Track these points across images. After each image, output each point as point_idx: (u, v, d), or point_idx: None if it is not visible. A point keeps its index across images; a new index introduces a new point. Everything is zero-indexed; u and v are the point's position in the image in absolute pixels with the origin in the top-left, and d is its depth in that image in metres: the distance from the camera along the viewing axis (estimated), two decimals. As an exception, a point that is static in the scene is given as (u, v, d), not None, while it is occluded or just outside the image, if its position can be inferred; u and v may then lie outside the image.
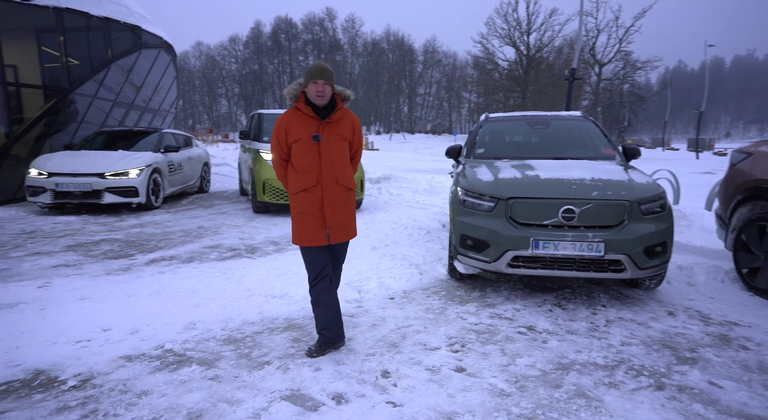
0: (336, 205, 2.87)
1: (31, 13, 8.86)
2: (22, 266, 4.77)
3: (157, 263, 4.91)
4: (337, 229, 2.89)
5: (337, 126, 2.88)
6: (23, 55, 9.54)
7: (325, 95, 2.77)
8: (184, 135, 10.49)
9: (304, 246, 2.89)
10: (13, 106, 9.08)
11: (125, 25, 10.55)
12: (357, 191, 7.85)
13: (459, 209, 4.08)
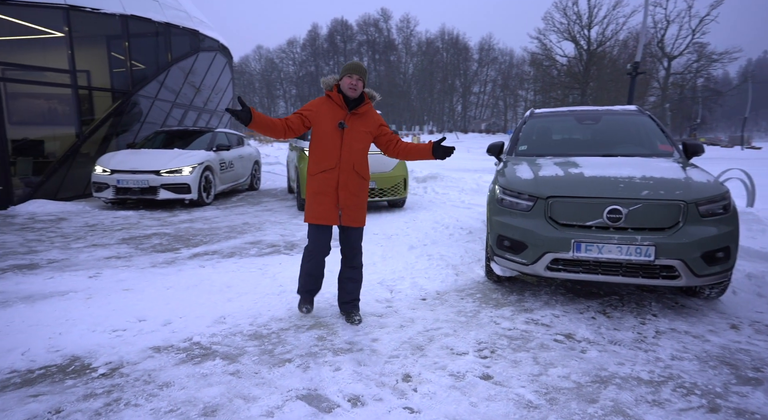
0: (350, 189, 3.14)
1: (101, 21, 9.44)
2: (80, 257, 5.06)
3: (199, 257, 5.06)
4: (349, 212, 3.16)
5: (362, 119, 3.17)
6: (95, 61, 10.21)
7: (357, 89, 3.09)
8: (237, 134, 10.82)
9: (314, 224, 3.18)
10: (86, 109, 9.74)
11: (184, 29, 11.04)
12: (400, 190, 7.78)
13: (496, 208, 3.90)
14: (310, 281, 3.37)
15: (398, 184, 7.90)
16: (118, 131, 10.41)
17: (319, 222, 3.16)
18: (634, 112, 5.16)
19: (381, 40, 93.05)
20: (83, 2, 8.86)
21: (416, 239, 5.86)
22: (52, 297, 3.77)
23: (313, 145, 3.16)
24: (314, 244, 3.26)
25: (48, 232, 6.33)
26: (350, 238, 3.28)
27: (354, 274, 3.37)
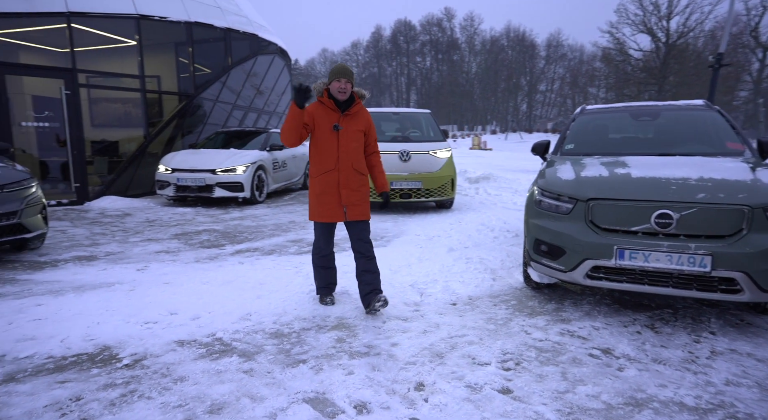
0: (351, 187, 3.36)
1: (168, 28, 10.02)
2: (133, 250, 5.35)
3: (241, 254, 5.19)
4: (353, 208, 3.39)
5: (354, 119, 3.37)
6: (165, 66, 10.86)
7: (346, 91, 3.27)
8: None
9: (321, 222, 3.43)
10: (155, 111, 10.39)
11: (244, 33, 11.47)
12: (447, 190, 7.61)
13: (534, 211, 3.68)
14: (326, 275, 3.61)
15: (445, 184, 7.73)
16: (183, 132, 11.00)
17: (325, 220, 3.42)
18: (700, 106, 4.69)
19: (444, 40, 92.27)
20: (152, 11, 9.43)
21: (457, 241, 5.69)
22: (100, 288, 4.00)
23: (313, 149, 3.40)
24: (323, 241, 3.53)
25: (112, 226, 6.78)
26: (359, 232, 3.47)
27: (369, 265, 3.49)
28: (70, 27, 8.54)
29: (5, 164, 5.05)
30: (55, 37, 8.65)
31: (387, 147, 7.75)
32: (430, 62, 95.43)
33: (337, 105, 3.32)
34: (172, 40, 10.39)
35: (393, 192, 7.53)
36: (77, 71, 8.59)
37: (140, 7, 9.25)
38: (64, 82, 8.45)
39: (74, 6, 8.53)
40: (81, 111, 8.71)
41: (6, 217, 4.65)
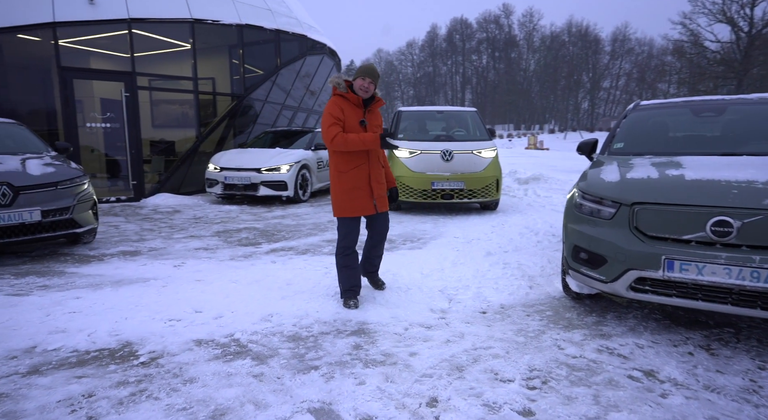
0: (379, 180, 3.54)
1: (221, 31, 10.34)
2: (175, 247, 5.51)
3: (275, 253, 5.20)
4: (381, 200, 3.55)
5: (374, 115, 3.54)
6: (219, 68, 11.23)
7: (369, 91, 3.39)
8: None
9: (350, 217, 3.47)
10: (209, 112, 10.77)
11: (293, 34, 11.65)
12: (491, 191, 7.33)
13: (573, 215, 3.39)
14: (352, 275, 3.55)
15: (490, 185, 7.44)
16: (235, 132, 11.33)
17: (357, 214, 3.48)
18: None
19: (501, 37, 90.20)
20: (205, 15, 9.76)
21: (497, 245, 5.42)
22: (136, 283, 4.12)
23: None
24: (351, 237, 3.52)
25: (161, 222, 7.04)
26: (383, 221, 3.65)
27: (381, 250, 3.80)
28: (130, 32, 8.99)
29: (61, 163, 5.34)
30: (118, 43, 9.13)
31: (429, 146, 7.57)
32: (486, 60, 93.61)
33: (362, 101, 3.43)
34: (226, 42, 10.72)
35: (434, 192, 7.34)
36: (136, 74, 9.03)
37: (194, 11, 9.59)
38: (124, 84, 8.90)
39: (135, 12, 8.97)
40: (139, 112, 9.15)
41: (59, 212, 4.91)
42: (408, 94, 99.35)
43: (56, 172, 5.07)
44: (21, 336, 3.00)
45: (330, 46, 13.48)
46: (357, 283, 3.59)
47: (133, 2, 9.01)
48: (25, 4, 8.28)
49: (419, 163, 7.43)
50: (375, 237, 3.71)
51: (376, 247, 3.75)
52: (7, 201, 4.58)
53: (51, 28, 8.37)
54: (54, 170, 5.08)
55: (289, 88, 12.19)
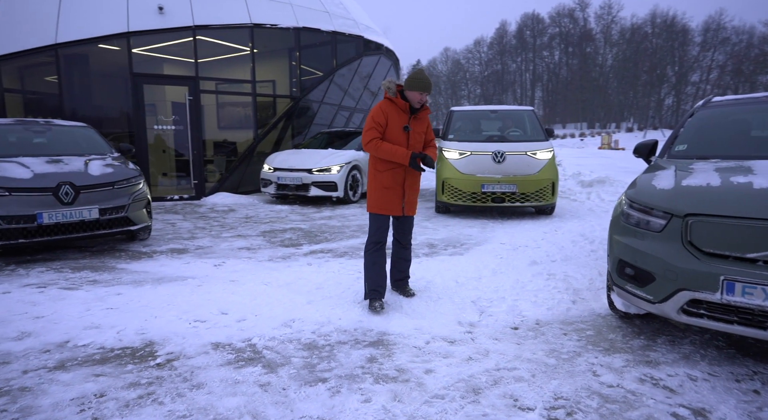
0: (413, 185, 3.63)
1: (279, 34, 10.60)
2: (221, 246, 5.66)
3: (314, 254, 5.19)
4: (410, 204, 3.64)
5: (420, 121, 3.59)
6: (279, 70, 11.54)
7: (423, 103, 3.51)
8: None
9: (380, 214, 3.57)
10: (269, 114, 11.10)
11: (350, 35, 11.71)
12: (546, 195, 6.93)
13: (619, 225, 3.05)
14: (379, 274, 3.56)
15: (544, 188, 7.02)
16: (293, 133, 11.59)
17: (385, 213, 3.57)
18: None
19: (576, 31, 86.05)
20: (265, 20, 10.04)
21: (545, 253, 5.07)
22: (175, 281, 4.24)
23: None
24: (381, 233, 3.59)
25: (214, 221, 7.30)
26: (408, 225, 3.73)
27: (407, 254, 3.80)
28: (195, 39, 9.44)
29: (120, 164, 5.66)
30: (183, 49, 9.61)
31: (480, 147, 7.28)
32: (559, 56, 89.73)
33: (411, 107, 3.50)
34: (285, 45, 10.97)
35: (484, 195, 7.04)
36: (199, 79, 9.47)
37: (254, 16, 9.90)
38: (188, 88, 9.36)
39: (199, 20, 9.40)
40: (201, 114, 9.58)
41: (115, 210, 5.20)
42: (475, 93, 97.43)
43: (114, 172, 5.38)
44: (59, 330, 3.16)
45: (387, 46, 13.42)
46: (382, 283, 3.56)
47: (198, 10, 9.45)
48: (106, 16, 8.92)
49: (469, 164, 7.16)
50: (400, 239, 3.76)
51: (401, 251, 3.79)
52: (70, 199, 4.90)
53: (125, 37, 8.96)
54: (112, 171, 5.39)
55: (345, 88, 12.28)
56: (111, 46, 9.07)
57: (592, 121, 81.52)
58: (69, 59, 9.12)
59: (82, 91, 9.63)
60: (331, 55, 11.42)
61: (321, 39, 11.22)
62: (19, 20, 8.73)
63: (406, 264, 3.81)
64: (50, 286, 4.10)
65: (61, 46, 8.71)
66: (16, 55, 8.65)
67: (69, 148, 5.87)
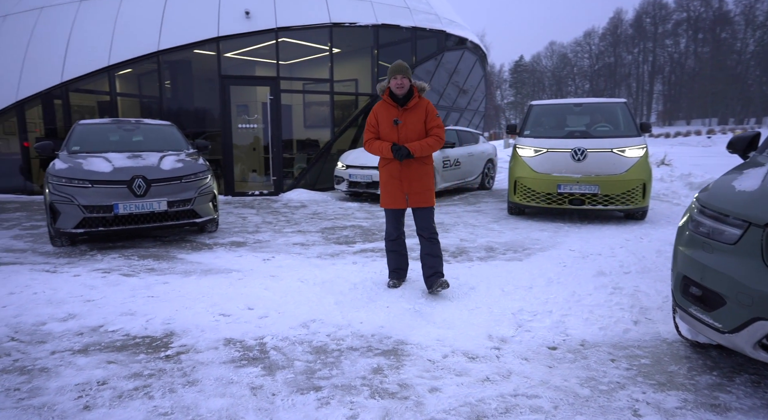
0: (412, 176, 3.61)
1: (358, 33, 10.63)
2: (278, 241, 5.74)
3: (363, 253, 5.05)
4: (414, 196, 3.64)
5: (414, 111, 3.60)
6: (361, 69, 11.62)
7: (403, 86, 3.51)
8: (470, 132, 10.58)
9: (388, 209, 3.74)
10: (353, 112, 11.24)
11: (431, 31, 11.41)
12: (636, 198, 6.16)
13: (687, 235, 2.50)
14: (395, 258, 3.86)
15: (633, 190, 6.21)
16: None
17: (390, 207, 3.71)
18: None
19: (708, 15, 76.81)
20: (343, 19, 10.14)
21: (619, 263, 4.43)
22: (220, 273, 4.34)
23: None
24: (391, 227, 3.81)
25: (282, 216, 7.48)
26: (421, 219, 3.71)
27: (432, 249, 3.70)
28: (277, 40, 9.80)
29: (191, 159, 5.98)
30: (267, 50, 10.03)
31: (557, 144, 6.64)
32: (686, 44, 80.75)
33: (396, 101, 3.57)
34: (365, 43, 10.99)
35: (560, 197, 6.40)
36: (280, 79, 9.81)
37: (334, 15, 10.03)
38: (270, 88, 9.75)
39: (282, 22, 9.74)
40: (281, 114, 9.92)
41: (182, 203, 5.49)
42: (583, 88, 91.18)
43: (183, 167, 5.69)
44: (99, 314, 3.34)
45: (473, 40, 12.90)
46: (400, 266, 3.88)
47: (281, 12, 9.79)
48: (200, 23, 9.59)
49: (544, 162, 6.56)
50: (421, 233, 3.76)
51: (425, 245, 3.75)
52: (142, 192, 5.27)
53: (216, 42, 9.56)
54: (182, 166, 5.70)
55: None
56: (203, 50, 9.73)
57: (724, 116, 72.39)
58: (168, 64, 9.95)
59: (179, 93, 10.46)
60: (410, 51, 11.22)
61: (400, 35, 11.07)
62: (132, 31, 9.69)
63: (434, 259, 3.69)
64: (113, 272, 4.40)
65: (162, 53, 9.52)
66: (126, 63, 9.61)
67: (151, 144, 6.35)
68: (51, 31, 9.96)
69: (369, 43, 10.79)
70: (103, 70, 9.61)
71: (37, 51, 9.88)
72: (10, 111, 10.11)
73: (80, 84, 9.82)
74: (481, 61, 13.91)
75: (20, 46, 10.01)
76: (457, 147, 9.64)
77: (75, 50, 9.72)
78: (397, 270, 3.89)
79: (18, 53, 9.98)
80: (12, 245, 5.58)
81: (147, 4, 9.83)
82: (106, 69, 9.59)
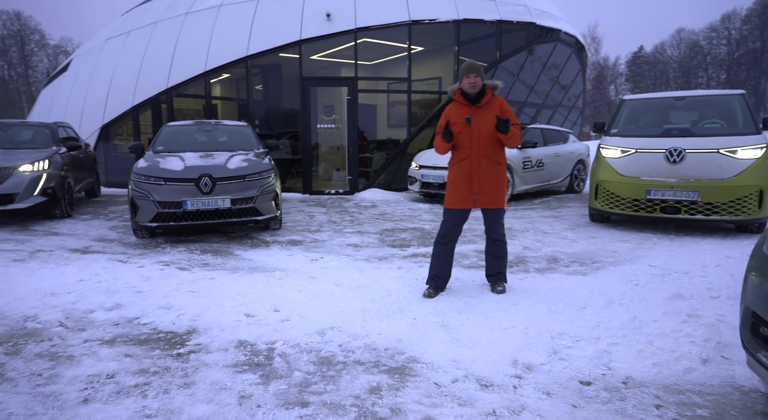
0: (483, 175, 3.51)
1: (438, 29, 10.32)
2: (334, 241, 5.71)
3: (413, 258, 4.82)
4: (483, 196, 3.54)
5: (486, 109, 3.51)
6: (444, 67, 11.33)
7: (476, 85, 3.47)
8: (558, 130, 9.79)
9: (450, 209, 3.61)
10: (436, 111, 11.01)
11: (518, 23, 10.74)
12: (749, 207, 5.42)
13: (760, 255, 1.96)
14: (438, 265, 3.65)
15: (745, 198, 5.26)
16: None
17: (455, 207, 3.59)
18: None
19: None
20: (423, 15, 9.90)
21: (706, 286, 3.73)
22: (264, 272, 4.38)
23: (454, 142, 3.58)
24: (447, 227, 3.64)
25: (348, 216, 7.47)
26: (490, 220, 3.65)
27: (496, 250, 3.68)
28: (356, 41, 9.86)
29: (257, 158, 6.17)
30: (346, 51, 10.14)
31: (650, 143, 5.84)
32: None
33: (469, 100, 3.52)
34: (446, 40, 10.65)
35: (650, 204, 5.62)
36: (358, 79, 9.86)
37: (413, 12, 9.84)
38: (348, 89, 9.84)
39: (361, 22, 9.78)
40: (358, 114, 9.96)
41: (245, 201, 5.68)
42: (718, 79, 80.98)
43: (248, 166, 5.88)
44: (140, 306, 3.51)
45: (568, 31, 11.92)
46: (440, 274, 3.67)
47: (361, 12, 9.83)
48: (285, 28, 9.98)
49: (631, 164, 5.80)
50: (489, 234, 3.71)
51: (490, 246, 3.72)
52: (208, 189, 5.54)
53: (298, 45, 9.88)
54: (247, 165, 5.90)
55: (510, 81, 11.35)
56: (287, 54, 10.10)
57: None
58: (255, 68, 10.48)
59: (267, 95, 10.98)
60: (495, 46, 10.66)
61: (484, 30, 10.57)
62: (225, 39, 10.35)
63: (497, 260, 3.69)
64: (172, 265, 4.66)
65: (250, 58, 10.05)
66: (219, 69, 10.30)
67: (225, 144, 6.68)
68: (162, 42, 10.99)
69: (450, 40, 10.43)
70: (200, 76, 10.38)
71: (150, 61, 10.96)
72: (127, 115, 11.34)
73: (182, 89, 10.72)
74: (578, 53, 12.82)
75: (138, 57, 11.17)
76: (540, 147, 8.96)
77: (179, 58, 10.62)
78: (437, 278, 3.69)
79: (135, 64, 11.15)
80: (106, 235, 6.18)
81: (240, 13, 10.44)
82: (202, 75, 10.35)
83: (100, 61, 12.25)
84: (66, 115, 12.61)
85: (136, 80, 10.99)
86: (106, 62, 11.94)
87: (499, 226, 3.65)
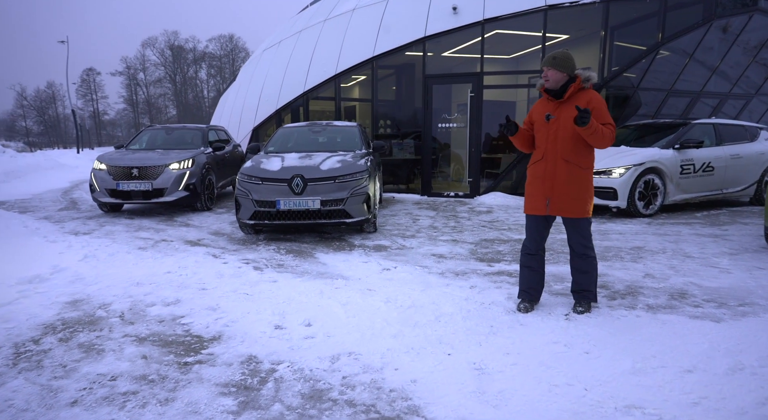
0: (559, 179, 3.13)
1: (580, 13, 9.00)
2: (420, 250, 5.24)
3: (494, 276, 4.14)
4: (558, 202, 3.14)
5: (570, 104, 3.09)
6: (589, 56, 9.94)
7: (549, 79, 3.14)
8: (741, 125, 7.78)
9: (529, 214, 3.32)
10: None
11: (690, -4, 8.80)
12: None
13: None
14: (528, 276, 3.35)
15: None
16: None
17: (530, 212, 3.30)
18: None
19: None
20: (561, -1, 8.74)
21: None
22: (327, 279, 4.16)
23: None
24: (529, 236, 3.35)
25: (455, 221, 6.89)
26: (571, 230, 3.26)
27: (580, 264, 3.28)
28: (482, 33, 9.15)
29: (352, 160, 6.01)
30: (472, 45, 9.49)
31: None
32: None
33: (553, 95, 3.19)
34: (590, 25, 9.26)
35: None
36: (483, 74, 9.14)
37: (549, -5, 8.75)
38: (471, 85, 9.18)
39: (489, 12, 9.05)
40: (482, 111, 9.23)
41: (334, 203, 5.57)
42: None
43: (340, 168, 5.76)
44: (193, 304, 3.56)
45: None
46: (531, 286, 3.36)
47: (490, 2, 9.09)
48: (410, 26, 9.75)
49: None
50: (572, 246, 3.29)
51: (574, 259, 3.31)
52: (299, 190, 5.56)
53: (422, 42, 9.56)
54: (340, 166, 5.79)
55: (679, 67, 9.40)
56: (411, 52, 9.85)
57: None
58: (381, 68, 10.45)
59: (393, 95, 10.89)
60: (656, 27, 8.89)
61: (640, 10, 8.91)
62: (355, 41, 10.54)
63: (582, 276, 3.28)
64: (250, 264, 4.73)
65: (376, 58, 10.06)
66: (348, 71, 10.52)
67: (329, 145, 6.69)
68: (303, 49, 11.69)
69: (596, 25, 9.03)
70: (332, 79, 10.74)
71: (293, 67, 11.74)
72: (272, 118, 12.34)
73: (316, 92, 11.24)
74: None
75: (284, 64, 12.08)
76: (709, 146, 7.21)
77: (315, 63, 11.17)
78: (528, 290, 3.36)
79: (281, 71, 12.07)
80: (222, 229, 6.66)
81: (370, 14, 10.53)
82: (333, 77, 10.69)
83: (257, 70, 13.59)
84: (230, 119, 14.30)
85: (280, 85, 11.87)
86: (260, 70, 13.18)
87: (581, 239, 3.22)
